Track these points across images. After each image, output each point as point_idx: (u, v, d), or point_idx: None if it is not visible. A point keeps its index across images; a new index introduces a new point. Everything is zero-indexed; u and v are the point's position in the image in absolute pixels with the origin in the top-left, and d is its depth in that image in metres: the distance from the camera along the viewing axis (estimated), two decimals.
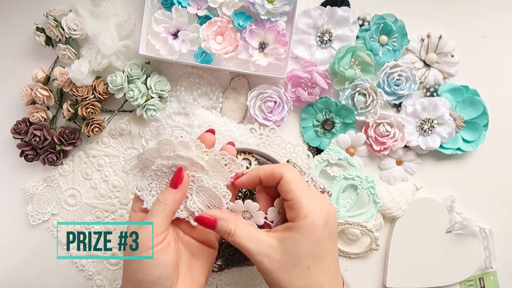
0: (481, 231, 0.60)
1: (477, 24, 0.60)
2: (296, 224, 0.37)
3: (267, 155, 0.57)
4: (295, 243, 0.37)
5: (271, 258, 0.37)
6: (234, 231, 0.38)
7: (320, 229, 0.37)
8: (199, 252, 0.42)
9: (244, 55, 0.55)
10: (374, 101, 0.56)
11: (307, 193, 0.38)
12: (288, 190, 0.38)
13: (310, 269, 0.37)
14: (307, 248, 0.37)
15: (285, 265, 0.37)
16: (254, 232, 0.39)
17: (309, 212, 0.37)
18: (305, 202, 0.37)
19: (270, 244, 0.38)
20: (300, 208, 0.37)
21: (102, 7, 0.56)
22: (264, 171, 0.40)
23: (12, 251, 0.60)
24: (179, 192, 0.39)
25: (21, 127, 0.56)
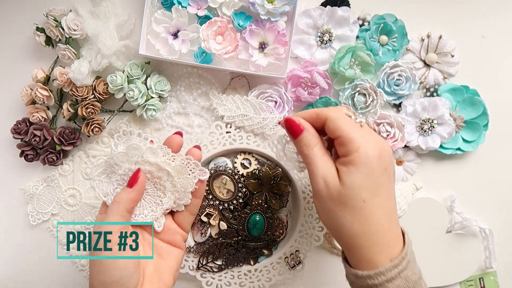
0: (481, 231, 0.60)
1: (477, 24, 0.60)
2: (349, 157, 0.37)
3: (267, 155, 0.57)
4: (350, 175, 0.37)
5: (331, 186, 0.37)
6: (314, 146, 0.39)
7: (374, 160, 0.36)
8: (166, 252, 0.43)
9: (244, 55, 0.55)
10: (374, 101, 0.56)
11: (357, 129, 0.38)
12: (336, 127, 0.38)
13: (365, 202, 0.36)
14: (361, 180, 0.36)
15: (341, 196, 0.37)
16: (329, 159, 0.39)
17: (361, 143, 0.37)
18: (355, 135, 0.37)
19: (334, 173, 0.38)
20: (351, 141, 0.37)
21: (102, 7, 0.56)
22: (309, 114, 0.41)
23: (12, 251, 0.60)
24: (134, 191, 0.40)
25: (21, 127, 0.56)
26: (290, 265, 0.56)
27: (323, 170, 0.38)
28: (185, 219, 0.45)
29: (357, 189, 0.36)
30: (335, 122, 0.38)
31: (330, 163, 0.39)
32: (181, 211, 0.45)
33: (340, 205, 0.37)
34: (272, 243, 0.58)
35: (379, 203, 0.37)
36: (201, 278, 0.56)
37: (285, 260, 0.56)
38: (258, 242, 0.57)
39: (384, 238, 0.36)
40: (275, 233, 0.57)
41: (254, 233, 0.56)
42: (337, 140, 0.38)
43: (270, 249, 0.58)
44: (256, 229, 0.56)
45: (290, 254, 0.56)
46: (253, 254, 0.57)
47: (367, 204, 0.36)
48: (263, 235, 0.56)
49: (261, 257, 0.58)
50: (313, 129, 0.40)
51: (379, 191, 0.37)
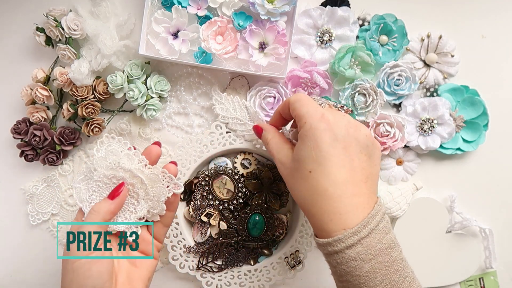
0: (481, 231, 0.60)
1: (477, 24, 0.60)
2: (300, 132, 0.40)
3: (267, 155, 0.57)
4: (298, 149, 0.40)
5: (285, 165, 0.42)
6: (269, 140, 0.46)
7: (319, 132, 0.38)
8: (139, 261, 0.43)
9: (244, 55, 0.55)
10: (374, 101, 0.56)
11: (311, 106, 0.41)
12: (293, 108, 0.42)
13: (311, 172, 0.38)
14: (307, 152, 0.39)
15: (292, 170, 0.41)
16: (282, 144, 0.45)
17: (307, 118, 0.40)
18: (304, 111, 0.40)
19: (287, 153, 0.43)
20: (300, 117, 0.41)
21: (102, 7, 0.56)
22: (281, 105, 0.47)
23: (12, 251, 0.60)
24: (113, 203, 0.40)
25: (21, 127, 0.56)
26: (290, 265, 0.56)
27: (278, 154, 0.44)
28: (159, 230, 0.45)
29: (303, 161, 0.39)
30: (293, 104, 0.42)
31: (284, 146, 0.44)
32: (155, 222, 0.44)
33: (293, 178, 0.41)
34: (272, 243, 0.58)
35: (324, 171, 0.38)
36: (201, 278, 0.56)
37: (285, 260, 0.56)
38: (258, 242, 0.57)
39: (334, 206, 0.37)
40: (275, 233, 0.57)
41: (254, 233, 0.56)
42: (295, 120, 0.42)
43: (270, 249, 0.58)
44: (256, 229, 0.56)
45: (290, 254, 0.56)
46: (253, 254, 0.57)
47: (312, 174, 0.38)
48: (263, 235, 0.56)
49: (261, 257, 0.58)
50: (270, 128, 0.48)
51: (326, 161, 0.38)
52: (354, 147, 0.39)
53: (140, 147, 0.59)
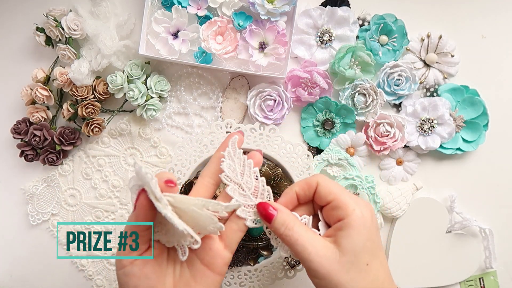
0: (481, 231, 0.60)
1: (477, 24, 0.60)
2: (347, 220, 0.36)
3: (267, 155, 0.57)
4: (350, 239, 0.35)
5: (330, 260, 0.35)
6: (293, 225, 0.37)
7: (369, 222, 0.36)
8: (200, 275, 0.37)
9: (244, 55, 0.55)
10: (374, 101, 0.56)
11: (347, 192, 0.38)
12: (329, 192, 0.37)
13: (369, 265, 0.36)
14: (363, 243, 0.35)
15: (344, 265, 0.35)
16: (311, 233, 0.37)
17: (356, 205, 0.36)
18: (348, 197, 0.37)
19: (327, 245, 0.36)
20: (346, 204, 0.37)
21: (102, 7, 0.56)
22: (298, 185, 0.39)
23: (12, 251, 0.60)
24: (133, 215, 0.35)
25: (21, 127, 0.56)
26: (290, 265, 0.56)
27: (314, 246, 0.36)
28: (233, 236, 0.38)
29: (360, 254, 0.35)
30: (326, 187, 0.38)
31: (319, 238, 0.37)
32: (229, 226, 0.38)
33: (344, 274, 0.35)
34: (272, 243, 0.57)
35: (380, 263, 0.36)
36: None
37: (285, 260, 0.56)
38: (258, 242, 0.57)
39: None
40: None
41: (254, 233, 0.56)
42: (330, 205, 0.37)
43: (270, 249, 0.58)
44: (256, 229, 0.56)
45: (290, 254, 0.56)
46: (253, 254, 0.57)
47: (371, 267, 0.35)
48: (263, 235, 0.56)
49: (260, 257, 0.58)
50: (287, 209, 0.38)
51: (378, 252, 0.37)
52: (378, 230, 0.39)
53: (140, 147, 0.59)
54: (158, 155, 0.59)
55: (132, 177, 0.37)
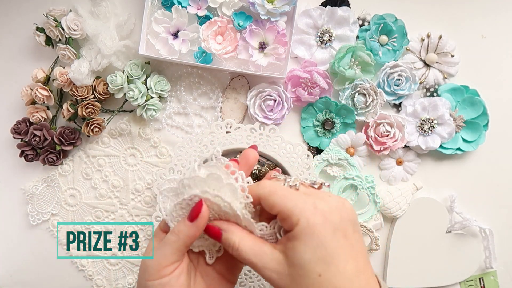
0: (481, 231, 0.60)
1: (477, 24, 0.60)
2: (293, 232, 0.34)
3: (267, 155, 0.57)
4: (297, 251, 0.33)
5: (279, 273, 0.34)
6: (238, 244, 0.35)
7: (318, 228, 0.33)
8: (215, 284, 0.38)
9: (244, 55, 0.55)
10: (374, 101, 0.56)
11: (293, 197, 0.35)
12: (271, 205, 0.35)
13: (321, 275, 0.33)
14: (310, 253, 0.33)
15: (294, 278, 0.34)
16: (259, 246, 0.35)
17: (299, 214, 0.33)
18: (291, 207, 0.34)
19: (277, 258, 0.35)
20: (289, 215, 0.34)
21: (102, 7, 0.56)
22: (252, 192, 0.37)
23: (12, 251, 0.60)
24: (194, 226, 0.35)
25: (21, 127, 0.56)
26: None
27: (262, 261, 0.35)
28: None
29: (309, 265, 0.33)
30: (268, 200, 0.35)
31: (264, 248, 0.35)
32: None
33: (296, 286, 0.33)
34: None
35: (336, 271, 0.33)
36: None
37: None
38: None
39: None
40: None
41: None
42: (278, 216, 0.35)
43: None
44: None
45: None
46: None
47: (324, 277, 0.33)
48: None
49: None
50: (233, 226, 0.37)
51: (334, 257, 0.33)
52: (350, 229, 0.35)
53: (140, 147, 0.59)
54: (158, 155, 0.59)
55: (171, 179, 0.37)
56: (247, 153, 0.39)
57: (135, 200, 0.59)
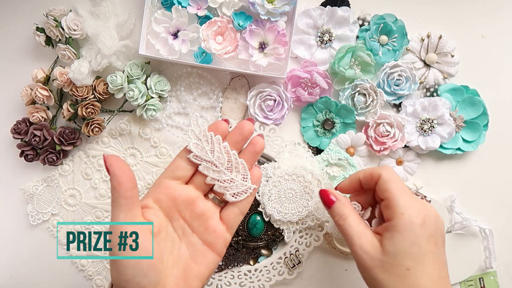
0: (481, 231, 0.60)
1: (477, 24, 0.60)
2: (393, 222, 0.37)
3: (267, 155, 0.57)
4: (393, 242, 0.37)
5: (371, 255, 0.37)
6: (346, 216, 0.40)
7: (417, 228, 0.36)
8: (201, 255, 0.39)
9: (244, 55, 0.55)
10: (374, 101, 0.56)
11: (405, 193, 0.38)
12: (385, 189, 0.39)
13: (409, 270, 0.36)
14: (405, 248, 0.36)
15: (384, 264, 0.37)
16: (363, 227, 0.39)
17: (406, 209, 0.37)
18: (401, 200, 0.37)
19: (373, 242, 0.38)
20: (396, 206, 0.37)
21: (102, 7, 0.56)
22: (363, 172, 0.42)
23: (12, 251, 0.60)
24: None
25: (21, 127, 0.56)
26: (290, 265, 0.56)
27: (360, 240, 0.38)
28: (234, 218, 0.41)
29: (401, 257, 0.36)
30: (386, 183, 0.39)
31: (367, 232, 0.39)
32: (231, 209, 0.40)
33: (383, 273, 0.37)
34: (272, 243, 0.57)
35: (424, 270, 0.36)
36: None
37: (285, 260, 0.56)
38: (258, 242, 0.57)
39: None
40: (275, 233, 0.57)
41: (254, 233, 0.56)
42: (384, 202, 0.39)
43: (270, 249, 0.58)
44: (256, 229, 0.56)
45: (290, 254, 0.56)
46: (253, 254, 0.57)
47: (412, 272, 0.36)
48: (263, 235, 0.56)
49: (261, 257, 0.58)
50: (346, 200, 0.42)
51: (424, 259, 0.37)
52: (440, 241, 0.39)
53: (140, 147, 0.59)
54: (158, 155, 0.59)
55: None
56: (242, 124, 0.41)
57: None
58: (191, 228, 0.40)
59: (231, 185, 0.40)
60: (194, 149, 0.39)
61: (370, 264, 0.37)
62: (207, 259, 0.39)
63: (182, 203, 0.39)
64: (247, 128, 0.41)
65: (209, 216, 0.40)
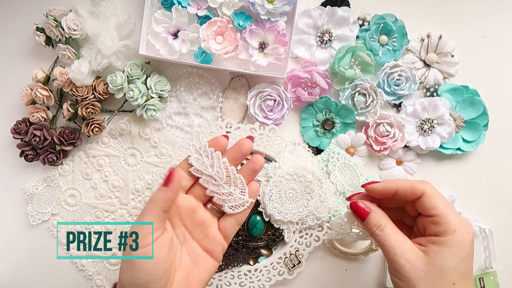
0: (481, 231, 0.60)
1: (477, 24, 0.60)
2: (444, 238, 0.38)
3: (267, 155, 0.57)
4: (442, 256, 0.37)
5: (414, 265, 0.37)
6: (384, 226, 0.39)
7: (468, 245, 0.37)
8: (201, 261, 0.41)
9: (244, 55, 0.55)
10: (374, 101, 0.56)
11: (452, 210, 0.39)
12: (434, 206, 0.39)
13: (455, 285, 0.37)
14: (454, 263, 0.37)
15: (429, 276, 0.37)
16: (402, 236, 0.39)
17: (458, 227, 0.37)
18: (452, 217, 0.38)
19: (416, 252, 0.38)
20: (448, 222, 0.38)
21: (102, 7, 0.56)
22: (403, 185, 0.41)
23: (12, 251, 0.60)
24: (168, 190, 0.38)
25: (21, 127, 0.56)
26: (290, 265, 0.56)
27: (403, 250, 0.38)
28: (231, 228, 0.42)
29: (449, 272, 0.37)
30: (432, 200, 0.39)
31: (408, 241, 0.39)
32: (228, 220, 0.43)
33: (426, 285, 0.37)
34: (272, 243, 0.57)
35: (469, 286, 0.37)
36: None
37: (285, 260, 0.56)
38: (258, 242, 0.57)
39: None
40: (275, 233, 0.57)
41: (254, 233, 0.56)
42: (431, 218, 0.39)
43: (270, 249, 0.58)
44: (256, 229, 0.56)
45: (290, 254, 0.56)
46: (253, 254, 0.57)
47: (457, 286, 0.37)
48: (263, 235, 0.56)
49: (261, 257, 0.58)
50: (379, 210, 0.41)
51: (469, 274, 0.38)
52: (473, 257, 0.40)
53: (140, 147, 0.59)
54: (158, 155, 0.59)
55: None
56: (242, 142, 0.42)
57: (135, 200, 0.59)
58: (192, 235, 0.42)
59: (229, 198, 0.42)
60: (195, 163, 0.41)
61: (412, 274, 0.37)
62: (208, 265, 0.41)
63: (185, 211, 0.41)
64: (246, 146, 0.42)
65: (209, 224, 0.42)
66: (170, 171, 0.39)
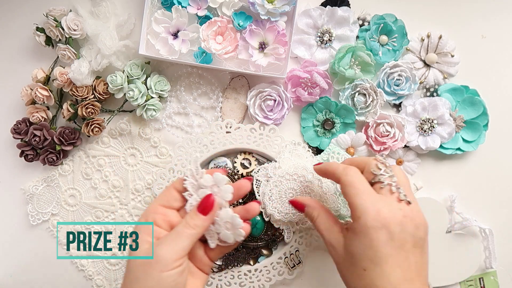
0: (481, 231, 0.60)
1: (477, 24, 0.60)
2: (353, 225, 0.39)
3: (267, 155, 0.57)
4: (351, 243, 0.39)
5: (336, 251, 0.41)
6: (316, 217, 0.44)
7: (373, 231, 0.37)
8: (197, 274, 0.43)
9: (244, 55, 0.55)
10: (374, 101, 0.56)
11: (364, 196, 0.38)
12: (345, 193, 0.40)
13: (366, 271, 0.37)
14: (361, 250, 0.37)
15: (345, 261, 0.39)
16: (330, 224, 0.43)
17: (362, 213, 0.38)
18: (359, 203, 0.38)
19: (338, 238, 0.41)
20: (354, 209, 0.38)
21: (102, 7, 0.56)
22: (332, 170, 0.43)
23: (12, 251, 0.60)
24: (208, 219, 0.39)
25: (21, 127, 0.56)
26: (290, 265, 0.56)
27: (328, 235, 0.42)
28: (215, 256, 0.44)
29: (357, 258, 0.38)
30: (345, 188, 0.40)
31: (334, 228, 0.42)
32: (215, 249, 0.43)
33: (346, 270, 0.40)
34: (272, 243, 0.57)
35: (382, 273, 0.36)
36: None
37: (285, 260, 0.56)
38: (258, 242, 0.57)
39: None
40: (275, 233, 0.57)
41: (254, 233, 0.56)
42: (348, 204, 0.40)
43: (270, 249, 0.58)
44: (256, 229, 0.56)
45: (290, 254, 0.56)
46: (253, 254, 0.57)
47: (368, 273, 0.37)
48: (263, 235, 0.56)
49: (261, 257, 0.58)
50: (314, 202, 0.46)
51: (382, 261, 0.36)
52: (409, 243, 0.37)
53: (140, 147, 0.59)
54: (158, 155, 0.59)
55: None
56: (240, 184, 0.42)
57: (135, 200, 0.59)
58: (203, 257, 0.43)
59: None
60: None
61: (336, 259, 0.41)
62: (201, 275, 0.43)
63: None
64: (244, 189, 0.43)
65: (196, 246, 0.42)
66: (208, 199, 0.39)
